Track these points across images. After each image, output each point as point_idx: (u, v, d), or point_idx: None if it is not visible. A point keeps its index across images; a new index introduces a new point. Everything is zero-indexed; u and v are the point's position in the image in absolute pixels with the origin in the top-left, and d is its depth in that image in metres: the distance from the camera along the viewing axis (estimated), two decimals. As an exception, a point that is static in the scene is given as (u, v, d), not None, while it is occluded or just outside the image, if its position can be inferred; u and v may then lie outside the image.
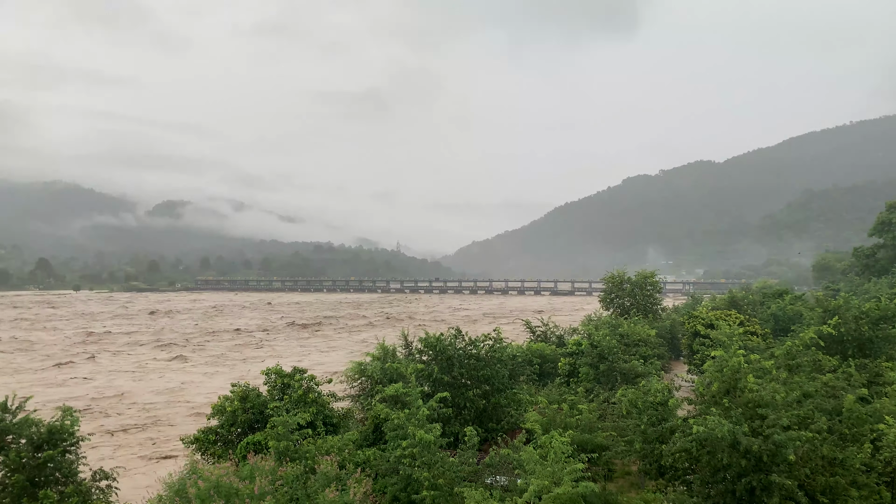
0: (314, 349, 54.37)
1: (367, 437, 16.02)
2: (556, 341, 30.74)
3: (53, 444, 12.16)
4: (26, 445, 12.00)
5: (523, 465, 11.24)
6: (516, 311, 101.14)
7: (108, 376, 40.29)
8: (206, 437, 16.32)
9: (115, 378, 39.64)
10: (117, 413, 29.98)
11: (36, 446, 12.04)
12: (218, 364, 45.80)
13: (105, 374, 41.01)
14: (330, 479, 11.13)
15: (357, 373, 19.85)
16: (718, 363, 12.46)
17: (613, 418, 16.94)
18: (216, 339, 62.63)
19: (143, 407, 31.13)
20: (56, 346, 56.11)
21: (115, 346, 57.30)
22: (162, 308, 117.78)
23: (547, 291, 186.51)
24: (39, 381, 38.34)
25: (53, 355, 50.14)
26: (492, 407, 17.98)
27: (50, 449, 12.05)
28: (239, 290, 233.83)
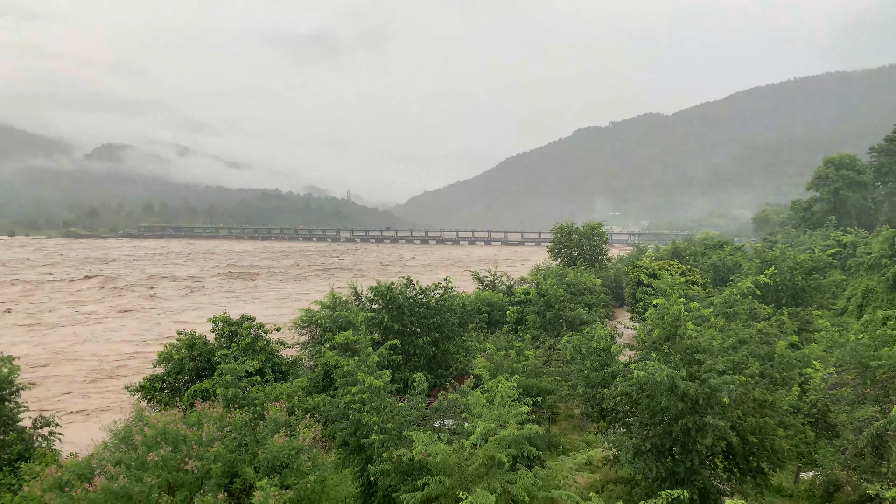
0: (261, 298, 53.87)
1: (316, 384, 16.11)
2: (504, 290, 31.20)
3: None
4: (-37, 395, 11.66)
5: (471, 409, 11.48)
6: (466, 261, 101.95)
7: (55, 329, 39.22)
8: (151, 385, 16.15)
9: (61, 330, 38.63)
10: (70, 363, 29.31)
11: (-26, 396, 11.72)
12: (154, 317, 45.01)
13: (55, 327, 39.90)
14: (279, 425, 11.18)
15: (306, 321, 19.81)
16: (660, 311, 12.85)
17: (558, 364, 17.43)
18: (159, 287, 61.40)
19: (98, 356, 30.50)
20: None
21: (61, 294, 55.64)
22: (98, 255, 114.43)
23: (497, 242, 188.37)
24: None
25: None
26: (441, 354, 18.26)
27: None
28: (184, 237, 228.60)
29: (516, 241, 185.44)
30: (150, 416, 11.60)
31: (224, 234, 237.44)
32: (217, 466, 9.78)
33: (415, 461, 10.15)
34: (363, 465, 11.56)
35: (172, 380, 16.18)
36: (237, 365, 13.39)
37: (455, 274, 59.51)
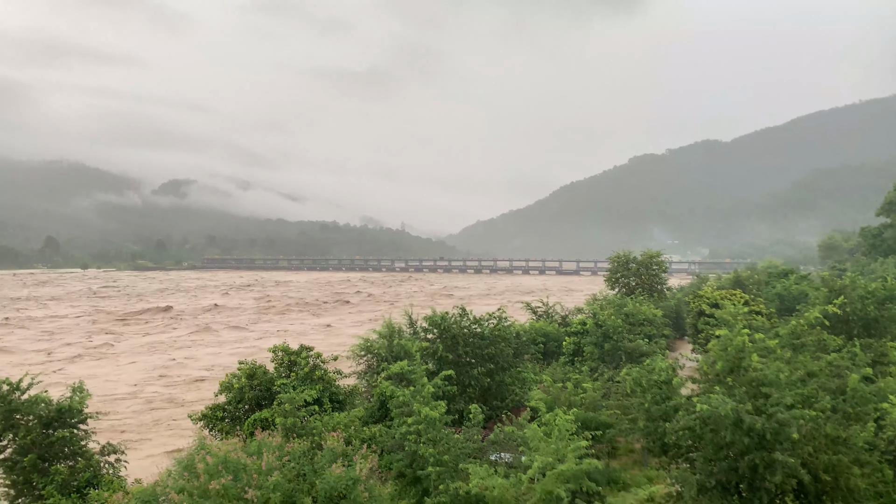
0: (320, 327, 54.62)
1: (372, 414, 16.16)
2: (560, 321, 30.82)
3: (63, 421, 12.29)
4: (36, 423, 12.13)
5: (527, 442, 11.33)
6: (520, 290, 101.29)
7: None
8: (213, 414, 16.49)
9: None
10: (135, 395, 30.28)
11: (45, 424, 12.17)
12: (222, 344, 46.10)
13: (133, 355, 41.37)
14: (336, 455, 11.25)
15: (363, 350, 19.96)
16: (723, 342, 12.47)
17: (617, 397, 17.03)
18: (222, 317, 63.03)
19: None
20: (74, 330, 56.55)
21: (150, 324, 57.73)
22: (169, 287, 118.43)
23: (552, 271, 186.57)
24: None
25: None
26: (496, 385, 18.09)
27: (59, 426, 12.19)
28: (245, 268, 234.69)
29: (571, 271, 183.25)
30: (212, 444, 11.86)
31: (283, 265, 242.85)
32: (276, 496, 9.89)
33: (472, 494, 10.05)
34: (420, 497, 11.49)
35: (233, 409, 16.49)
36: (296, 394, 13.59)
37: (509, 303, 59.17)
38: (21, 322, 58.42)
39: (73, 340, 46.76)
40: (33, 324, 57.31)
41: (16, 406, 12.17)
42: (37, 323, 58.04)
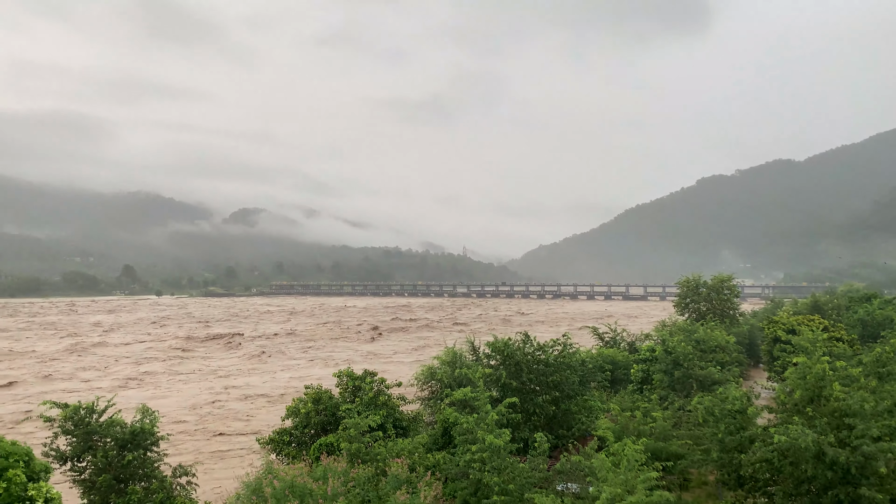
0: (382, 352, 55.01)
1: (436, 441, 16.07)
2: (627, 347, 30.10)
3: (136, 443, 12.72)
4: (112, 445, 12.58)
5: (595, 472, 11.03)
6: (585, 316, 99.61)
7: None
8: (280, 439, 16.74)
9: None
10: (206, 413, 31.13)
11: (120, 445, 12.61)
12: (290, 368, 46.96)
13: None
14: (401, 482, 11.22)
15: (427, 376, 19.97)
16: (801, 370, 11.91)
17: (689, 426, 16.43)
18: (290, 341, 64.34)
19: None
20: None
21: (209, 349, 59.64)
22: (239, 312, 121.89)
23: (618, 296, 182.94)
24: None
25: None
26: (562, 413, 17.73)
27: (133, 448, 12.61)
28: (311, 294, 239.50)
29: (638, 296, 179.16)
30: (279, 468, 12.04)
31: (347, 291, 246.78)
32: (341, 521, 9.92)
33: (538, 525, 9.82)
34: (484, 526, 11.31)
35: (299, 433, 16.70)
36: (360, 420, 13.67)
37: (574, 330, 58.22)
38: (92, 346, 61.14)
39: (139, 366, 48.55)
40: (103, 349, 59.86)
41: (93, 428, 12.67)
42: (109, 348, 60.59)
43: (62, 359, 52.12)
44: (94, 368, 46.70)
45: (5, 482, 10.47)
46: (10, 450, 11.12)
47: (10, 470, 10.68)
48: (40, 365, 48.38)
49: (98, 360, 51.04)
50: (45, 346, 61.17)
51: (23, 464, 11.05)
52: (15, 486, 10.53)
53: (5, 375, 42.88)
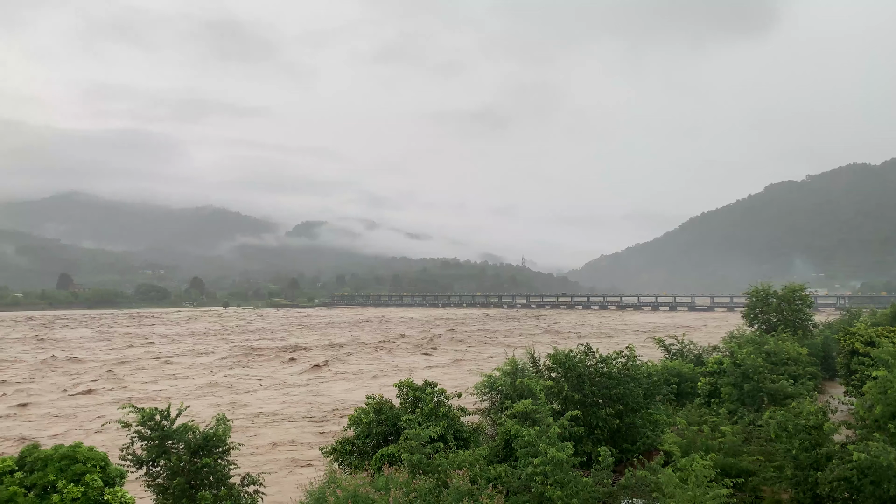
0: (440, 363, 55.11)
1: (497, 453, 15.94)
2: (693, 360, 29.24)
3: (208, 450, 13.07)
4: (184, 450, 12.97)
5: (662, 488, 10.74)
6: (649, 327, 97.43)
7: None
8: (343, 448, 16.92)
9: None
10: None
11: (193, 451, 12.98)
12: (357, 378, 47.55)
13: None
14: (462, 494, 11.17)
15: (487, 387, 19.86)
16: (881, 384, 11.33)
17: (760, 442, 15.83)
18: (353, 351, 65.25)
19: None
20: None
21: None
22: (306, 322, 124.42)
23: (683, 307, 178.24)
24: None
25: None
26: (626, 427, 17.32)
27: (205, 454, 12.96)
28: (371, 305, 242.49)
29: (705, 307, 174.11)
30: (342, 478, 12.16)
31: (407, 302, 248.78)
32: (403, 533, 9.94)
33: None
34: (547, 541, 11.15)
35: (361, 443, 16.84)
36: (421, 431, 13.69)
37: (637, 341, 57.00)
38: (164, 355, 63.42)
39: (210, 374, 50.01)
40: (174, 359, 61.99)
41: (168, 433, 13.10)
42: (180, 358, 62.73)
43: (135, 367, 54.27)
44: (165, 378, 48.42)
45: (83, 486, 10.94)
46: (88, 455, 11.62)
47: (88, 475, 11.16)
48: (113, 374, 50.48)
49: (169, 370, 52.92)
50: (118, 355, 63.86)
51: (99, 469, 11.53)
52: (92, 491, 11.00)
53: (80, 383, 44.92)
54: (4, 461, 11.24)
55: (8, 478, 10.85)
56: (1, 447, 26.46)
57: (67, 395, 39.96)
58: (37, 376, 48.97)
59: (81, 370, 52.87)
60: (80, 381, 45.92)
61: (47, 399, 38.82)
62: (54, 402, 37.63)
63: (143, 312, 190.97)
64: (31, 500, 10.56)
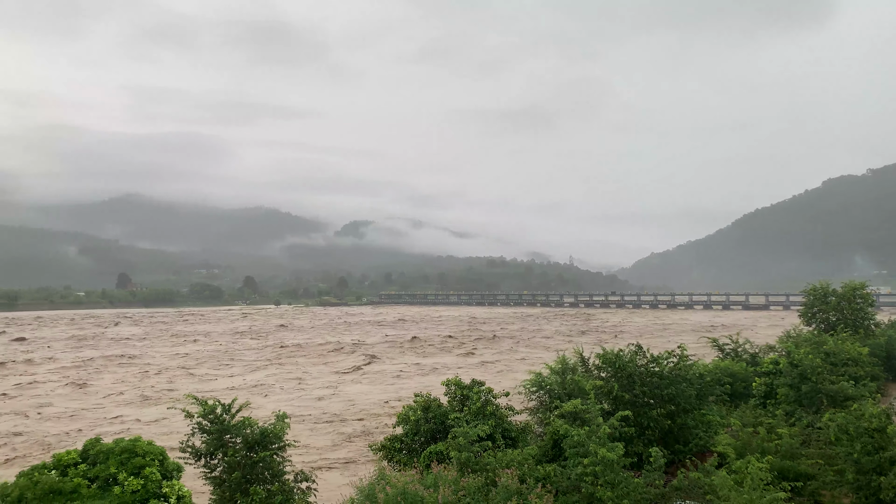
0: (486, 361, 55.03)
1: (546, 453, 15.84)
2: (748, 360, 28.48)
3: (264, 445, 13.33)
4: (241, 445, 13.27)
5: (716, 490, 10.51)
6: (701, 327, 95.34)
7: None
8: (391, 445, 17.06)
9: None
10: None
11: (249, 446, 13.27)
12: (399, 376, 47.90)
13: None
14: (511, 493, 11.14)
15: (535, 386, 19.74)
16: (952, 387, 10.83)
17: (819, 445, 15.35)
18: (399, 348, 65.76)
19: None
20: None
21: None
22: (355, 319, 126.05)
23: (737, 305, 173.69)
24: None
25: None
26: (678, 428, 17.01)
27: (261, 450, 13.24)
28: (418, 303, 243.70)
29: (759, 305, 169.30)
30: (391, 475, 12.27)
31: (453, 301, 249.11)
32: (452, 530, 9.97)
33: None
34: (597, 542, 11.03)
35: (410, 441, 16.95)
36: (469, 429, 13.70)
37: (689, 341, 55.87)
38: (221, 352, 64.99)
39: (247, 372, 51.03)
40: (231, 354, 63.46)
41: (227, 427, 13.39)
42: (239, 353, 64.20)
43: (194, 363, 55.83)
44: (222, 375, 49.64)
45: (143, 479, 11.31)
46: (147, 449, 12.01)
47: (147, 468, 11.53)
48: (169, 370, 51.99)
49: (226, 366, 54.26)
50: (176, 351, 65.82)
51: (157, 463, 11.91)
52: (151, 484, 11.36)
53: (136, 379, 46.41)
54: (69, 454, 11.70)
55: (72, 470, 11.29)
56: (66, 440, 27.55)
57: (121, 391, 41.35)
58: (100, 371, 50.86)
59: (138, 366, 54.65)
60: (136, 378, 47.48)
61: (104, 394, 40.25)
62: (110, 397, 38.99)
63: (198, 311, 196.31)
64: (93, 491, 10.96)
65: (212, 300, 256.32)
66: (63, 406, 36.27)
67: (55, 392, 41.18)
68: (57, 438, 28.12)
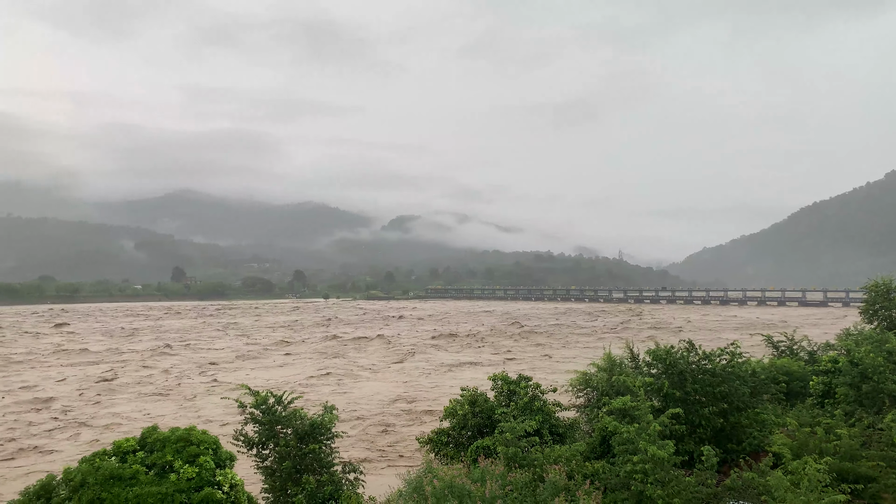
0: (531, 357, 54.72)
1: (594, 450, 15.68)
2: (805, 358, 27.61)
3: (314, 436, 13.58)
4: (292, 435, 13.55)
5: (771, 491, 10.22)
6: (756, 323, 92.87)
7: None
8: (438, 439, 17.14)
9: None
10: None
11: (300, 437, 13.54)
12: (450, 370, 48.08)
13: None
14: (559, 489, 11.06)
15: (582, 383, 19.54)
16: None
17: (881, 447, 14.76)
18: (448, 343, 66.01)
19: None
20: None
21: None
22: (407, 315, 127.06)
23: (793, 301, 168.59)
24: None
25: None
26: (730, 426, 16.61)
27: (311, 441, 13.48)
28: (464, 298, 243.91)
29: (817, 302, 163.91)
30: (438, 468, 12.31)
31: (500, 295, 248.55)
32: (499, 525, 9.95)
33: (707, 545, 9.25)
34: (647, 541, 10.86)
35: (457, 434, 17.00)
36: (516, 424, 13.65)
37: (743, 338, 54.47)
38: (274, 344, 66.34)
39: (297, 363, 51.84)
40: (285, 347, 64.70)
41: (278, 418, 13.71)
42: (292, 346, 65.43)
43: (248, 355, 57.17)
44: (271, 366, 50.69)
45: (197, 467, 11.62)
46: (202, 438, 12.33)
47: (202, 457, 11.85)
48: (222, 363, 53.30)
49: (279, 358, 55.40)
50: (227, 343, 67.51)
51: (211, 451, 12.22)
52: (205, 472, 11.66)
53: (186, 371, 47.72)
54: (128, 441, 12.10)
55: (131, 457, 11.68)
56: (129, 424, 28.57)
57: (170, 382, 42.59)
58: (157, 360, 52.56)
59: (191, 359, 56.19)
60: (186, 369, 48.84)
61: (160, 383, 41.54)
62: (165, 387, 40.21)
63: (249, 304, 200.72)
64: (151, 478, 11.31)
65: (263, 293, 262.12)
66: (128, 392, 37.62)
67: (132, 374, 42.75)
68: (130, 421, 29.19)
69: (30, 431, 28.46)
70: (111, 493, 10.80)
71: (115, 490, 10.84)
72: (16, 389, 39.66)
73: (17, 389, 39.65)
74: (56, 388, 40.01)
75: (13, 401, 35.82)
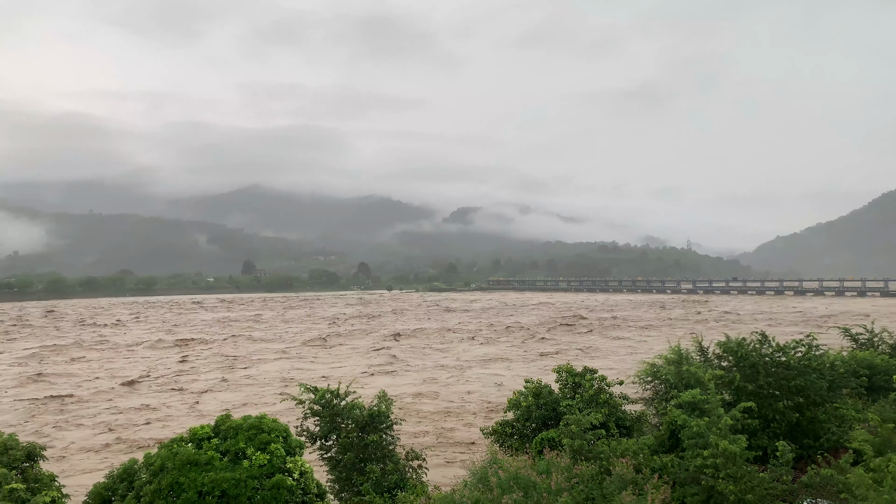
0: (598, 348, 53.97)
1: (662, 443, 15.36)
2: (889, 351, 26.26)
3: (374, 426, 13.82)
4: (353, 427, 13.82)
5: (852, 489, 9.78)
6: (834, 315, 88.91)
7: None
8: (503, 430, 17.14)
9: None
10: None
11: (360, 428, 13.80)
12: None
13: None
14: (626, 483, 10.90)
15: (649, 375, 19.16)
16: None
17: (974, 446, 13.90)
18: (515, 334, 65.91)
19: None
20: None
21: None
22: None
23: (875, 292, 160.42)
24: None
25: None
26: (807, 421, 15.97)
27: (371, 430, 13.73)
28: (527, 290, 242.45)
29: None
30: (503, 459, 12.32)
31: (563, 287, 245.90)
32: (565, 517, 9.89)
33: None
34: (719, 538, 10.58)
35: (521, 426, 16.96)
36: (582, 416, 13.51)
37: (819, 329, 52.29)
38: (336, 335, 67.69)
39: (358, 355, 52.66)
40: (348, 339, 65.94)
41: (337, 411, 14.02)
42: (353, 339, 66.66)
43: (314, 346, 58.60)
44: (333, 357, 51.78)
45: (268, 454, 11.99)
46: (272, 426, 12.72)
47: (273, 444, 12.22)
48: (288, 354, 54.75)
49: (339, 351, 56.57)
50: (297, 335, 69.34)
51: (281, 439, 12.59)
52: (276, 459, 12.03)
53: (254, 361, 49.22)
54: (203, 428, 12.60)
55: (206, 443, 12.16)
56: (210, 410, 29.71)
57: (244, 371, 44.02)
58: (225, 350, 54.51)
59: (257, 350, 57.96)
60: (254, 359, 50.40)
61: (240, 373, 43.03)
62: (242, 377, 41.62)
63: (316, 296, 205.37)
64: (225, 464, 11.75)
65: (329, 285, 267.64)
66: (208, 378, 39.19)
67: (215, 358, 44.54)
68: (216, 406, 30.43)
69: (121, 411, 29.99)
70: (188, 477, 11.28)
71: (192, 475, 11.32)
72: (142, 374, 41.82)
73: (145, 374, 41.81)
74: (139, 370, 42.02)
75: (109, 385, 37.80)
